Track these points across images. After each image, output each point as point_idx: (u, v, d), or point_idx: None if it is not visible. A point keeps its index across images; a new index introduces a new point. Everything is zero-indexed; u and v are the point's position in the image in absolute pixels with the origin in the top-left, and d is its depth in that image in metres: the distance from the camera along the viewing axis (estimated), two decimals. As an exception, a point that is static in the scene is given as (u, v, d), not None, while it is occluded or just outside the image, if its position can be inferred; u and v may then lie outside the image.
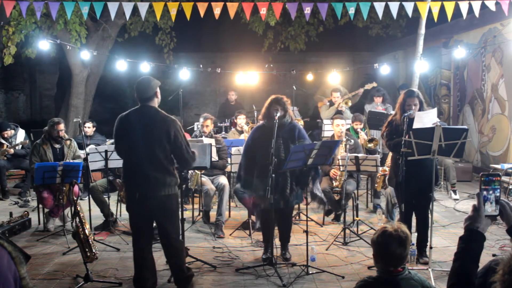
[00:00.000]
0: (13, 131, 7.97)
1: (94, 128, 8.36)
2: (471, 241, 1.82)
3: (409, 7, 6.97)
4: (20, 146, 7.87)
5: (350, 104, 8.79)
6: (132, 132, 3.86)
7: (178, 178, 4.00)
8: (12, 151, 7.71)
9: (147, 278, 4.00)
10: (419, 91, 5.09)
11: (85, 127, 8.19)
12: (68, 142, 6.28)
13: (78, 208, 4.39)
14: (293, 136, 4.78)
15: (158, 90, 3.96)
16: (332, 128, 7.82)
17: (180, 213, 4.17)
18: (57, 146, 6.23)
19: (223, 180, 6.17)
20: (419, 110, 4.81)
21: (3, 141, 7.82)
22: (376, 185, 6.54)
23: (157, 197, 3.83)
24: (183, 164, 4.03)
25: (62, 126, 6.22)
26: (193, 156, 3.96)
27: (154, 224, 4.13)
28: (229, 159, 6.51)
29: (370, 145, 6.79)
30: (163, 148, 3.81)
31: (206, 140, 6.05)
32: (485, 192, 1.84)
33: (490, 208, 1.83)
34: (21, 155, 7.87)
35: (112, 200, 6.37)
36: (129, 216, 4.10)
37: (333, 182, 6.14)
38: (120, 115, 4.01)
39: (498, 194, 1.84)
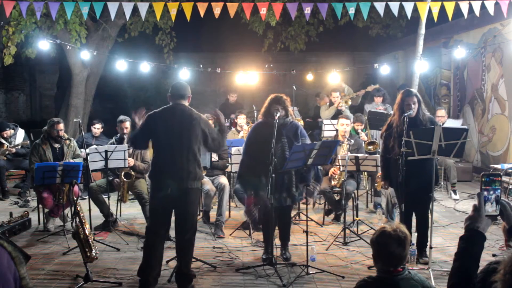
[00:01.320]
0: (12, 131, 7.98)
1: (102, 130, 8.31)
2: (472, 241, 1.82)
3: (409, 7, 6.97)
4: (20, 146, 7.87)
5: (350, 103, 8.79)
6: (172, 128, 4.06)
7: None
8: (14, 150, 7.71)
9: (154, 267, 4.11)
10: (416, 90, 5.10)
11: (94, 127, 8.16)
12: (67, 141, 6.29)
13: (78, 208, 4.39)
14: (297, 134, 4.81)
15: (190, 96, 4.35)
16: (332, 128, 7.86)
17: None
18: (56, 145, 6.23)
19: (223, 180, 6.17)
20: (418, 109, 4.81)
21: (3, 141, 7.82)
22: (376, 184, 6.54)
23: (188, 189, 4.06)
24: (213, 149, 4.55)
25: (61, 126, 6.24)
26: (221, 142, 4.32)
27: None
28: (229, 159, 6.50)
29: (370, 147, 6.79)
30: (198, 143, 4.11)
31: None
32: (485, 193, 1.84)
33: (490, 208, 1.84)
34: (22, 155, 7.88)
35: (112, 200, 6.37)
36: (152, 208, 4.26)
37: (332, 181, 6.13)
38: (154, 111, 4.20)
39: (498, 194, 1.84)
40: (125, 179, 5.98)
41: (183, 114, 4.13)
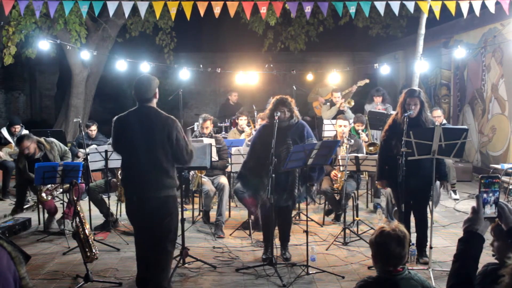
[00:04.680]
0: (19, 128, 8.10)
1: (97, 130, 8.34)
2: (471, 243, 1.82)
3: (409, 6, 6.97)
4: None
5: (352, 104, 8.79)
6: (132, 134, 3.75)
7: (177, 181, 3.91)
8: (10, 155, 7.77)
9: (149, 278, 3.99)
10: (421, 90, 5.07)
11: (90, 130, 8.17)
12: (48, 146, 6.19)
13: (78, 208, 4.39)
14: (302, 136, 4.78)
15: (157, 90, 3.90)
16: (332, 128, 7.86)
17: (178, 219, 3.94)
18: (37, 155, 6.13)
19: (223, 180, 6.16)
20: (420, 110, 4.79)
21: (11, 141, 7.89)
22: (376, 182, 6.52)
23: (155, 198, 3.68)
24: (181, 163, 3.91)
25: (27, 143, 5.99)
26: (191, 155, 3.86)
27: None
28: (229, 159, 6.49)
29: (371, 148, 6.78)
30: (164, 150, 3.71)
31: (206, 140, 6.04)
32: (485, 195, 1.84)
33: (489, 210, 1.83)
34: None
35: (112, 200, 6.36)
36: (129, 219, 4.01)
37: (334, 184, 6.13)
38: (118, 116, 3.92)
39: (497, 196, 1.84)
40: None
41: (149, 119, 3.75)
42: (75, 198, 4.55)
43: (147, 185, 3.70)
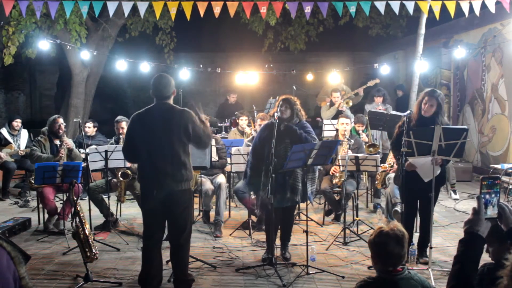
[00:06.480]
0: (20, 124, 8.19)
1: (95, 128, 8.34)
2: (471, 244, 1.82)
3: (409, 6, 6.97)
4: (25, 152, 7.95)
5: (351, 104, 8.79)
6: (151, 129, 3.91)
7: (192, 173, 4.08)
8: (23, 153, 7.76)
9: (153, 276, 4.03)
10: (439, 91, 4.93)
11: (86, 127, 8.20)
12: (67, 140, 6.44)
13: (78, 208, 4.39)
14: (301, 138, 4.74)
15: (174, 88, 4.08)
16: (332, 128, 7.87)
17: (192, 213, 4.19)
18: (57, 142, 6.37)
19: (219, 178, 6.15)
20: (437, 112, 4.68)
21: (11, 141, 7.90)
22: (376, 182, 6.53)
23: (174, 192, 3.88)
24: (203, 147, 4.20)
25: (61, 120, 6.47)
26: (209, 135, 4.07)
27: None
28: (228, 159, 6.48)
29: (371, 149, 6.78)
30: (182, 143, 3.91)
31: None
32: (487, 196, 1.84)
33: (490, 211, 1.83)
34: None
35: (113, 200, 6.36)
36: (143, 212, 4.13)
37: (333, 179, 6.13)
38: (137, 113, 4.05)
39: (498, 197, 1.85)
40: (122, 179, 5.98)
41: (166, 114, 3.93)
42: (74, 198, 4.54)
43: (166, 179, 3.86)
